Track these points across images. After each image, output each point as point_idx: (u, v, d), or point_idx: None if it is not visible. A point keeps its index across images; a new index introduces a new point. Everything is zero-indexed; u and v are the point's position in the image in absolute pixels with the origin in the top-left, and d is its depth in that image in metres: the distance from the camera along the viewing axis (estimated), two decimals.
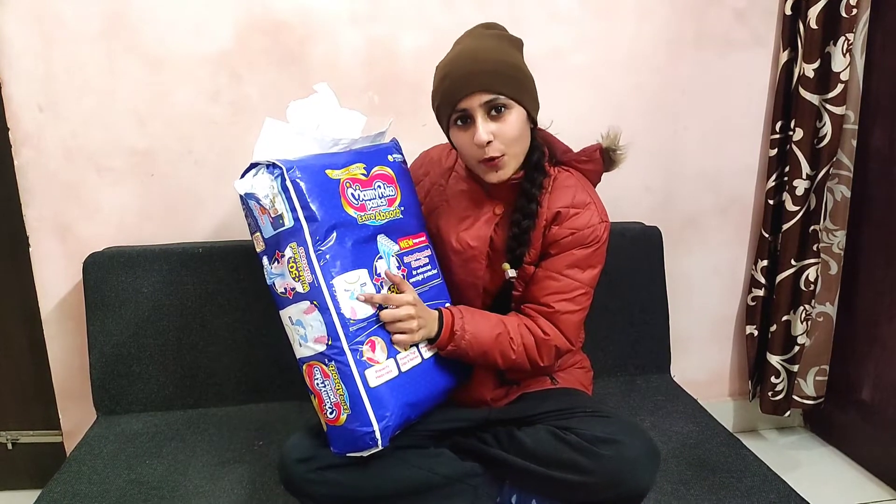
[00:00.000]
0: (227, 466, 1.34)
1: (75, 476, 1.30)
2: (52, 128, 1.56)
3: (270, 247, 1.11)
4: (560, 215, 1.21)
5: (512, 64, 1.16)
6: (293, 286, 1.08)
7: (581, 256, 1.21)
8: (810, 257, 1.78)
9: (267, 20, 1.57)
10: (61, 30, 1.51)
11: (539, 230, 1.22)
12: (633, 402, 1.57)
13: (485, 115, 1.14)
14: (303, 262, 1.06)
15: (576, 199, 1.22)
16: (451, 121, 1.17)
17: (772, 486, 1.25)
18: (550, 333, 1.21)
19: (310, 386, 1.10)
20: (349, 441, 1.07)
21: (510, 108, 1.14)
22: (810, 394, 1.94)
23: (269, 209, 1.07)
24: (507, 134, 1.14)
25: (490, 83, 1.12)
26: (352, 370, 1.06)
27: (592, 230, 1.21)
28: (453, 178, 1.32)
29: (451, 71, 1.15)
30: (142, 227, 1.64)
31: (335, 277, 1.07)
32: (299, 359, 1.12)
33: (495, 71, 1.13)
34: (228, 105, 1.60)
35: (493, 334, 1.18)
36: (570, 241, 1.21)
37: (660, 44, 1.73)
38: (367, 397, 1.06)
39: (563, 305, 1.21)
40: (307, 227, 1.06)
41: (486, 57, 1.14)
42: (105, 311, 1.52)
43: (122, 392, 1.54)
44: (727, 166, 1.84)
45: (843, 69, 1.66)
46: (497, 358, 1.19)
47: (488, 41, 1.17)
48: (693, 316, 1.91)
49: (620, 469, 1.08)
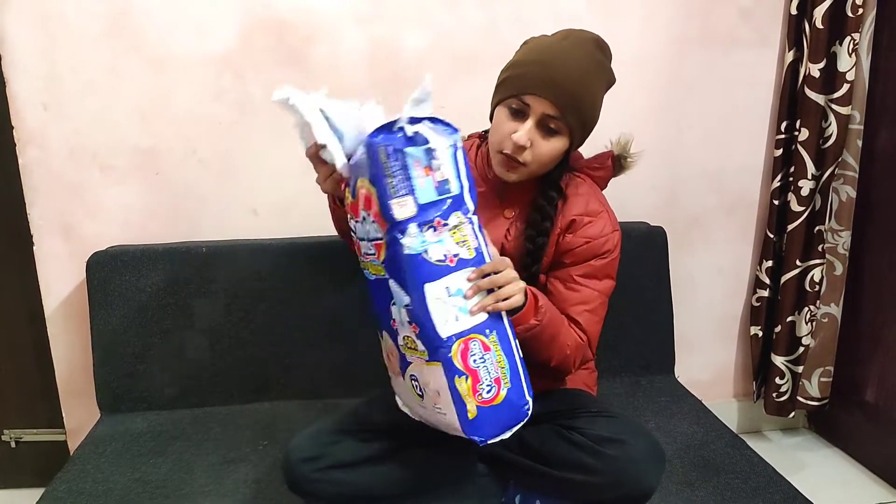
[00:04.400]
0: (231, 466, 1.34)
1: (79, 475, 1.30)
2: (56, 127, 1.56)
3: (427, 211, 0.98)
4: (574, 223, 1.21)
5: (592, 99, 1.15)
6: (456, 252, 1.00)
7: (598, 267, 1.21)
8: (815, 258, 1.78)
9: (270, 20, 1.57)
10: (65, 29, 1.51)
11: (553, 237, 1.21)
12: (637, 402, 1.57)
13: (536, 123, 1.12)
14: (467, 227, 1.01)
15: (589, 208, 1.22)
16: (505, 99, 1.15)
17: (776, 487, 1.25)
18: (582, 340, 1.20)
19: (462, 365, 0.98)
20: (505, 419, 1.01)
21: (561, 134, 1.14)
22: (815, 395, 1.93)
23: (436, 171, 0.98)
24: (542, 152, 1.14)
25: (565, 103, 1.10)
26: (510, 338, 1.02)
27: (606, 239, 1.21)
28: None
29: (540, 61, 1.12)
30: (145, 226, 1.64)
31: (489, 244, 1.04)
32: (451, 335, 0.98)
33: (576, 95, 1.11)
34: (232, 105, 1.60)
35: (562, 319, 1.16)
36: (585, 250, 1.20)
37: (665, 43, 1.72)
38: (521, 367, 1.03)
39: (586, 317, 1.20)
40: (468, 196, 1.02)
41: (578, 77, 1.11)
42: (109, 310, 1.52)
43: (125, 391, 1.54)
44: (732, 166, 1.83)
45: (848, 69, 1.65)
46: (559, 349, 1.15)
47: (589, 63, 1.14)
48: (697, 316, 1.90)
49: (625, 469, 1.07)
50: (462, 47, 1.65)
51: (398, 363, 1.07)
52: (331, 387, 1.58)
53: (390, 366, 1.12)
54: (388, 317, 1.04)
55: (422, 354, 1.00)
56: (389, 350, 1.09)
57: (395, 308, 1.02)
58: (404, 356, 1.04)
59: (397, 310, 1.02)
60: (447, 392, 0.99)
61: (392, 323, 1.04)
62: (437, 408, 1.02)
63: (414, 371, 1.04)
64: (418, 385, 1.04)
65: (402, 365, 1.06)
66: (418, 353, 1.01)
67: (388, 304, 1.03)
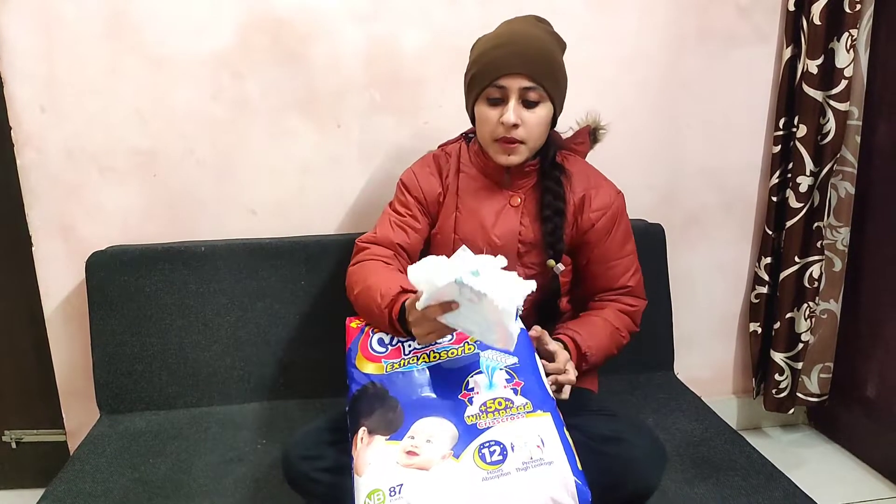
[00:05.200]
0: (230, 465, 1.34)
1: (79, 475, 1.31)
2: (54, 128, 1.56)
3: None
4: (585, 199, 1.29)
5: (557, 61, 1.21)
6: None
7: (621, 232, 1.32)
8: (814, 254, 1.78)
9: (268, 19, 1.57)
10: (63, 30, 1.51)
11: (569, 216, 1.27)
12: (636, 399, 1.57)
13: (518, 100, 1.17)
14: None
15: (590, 181, 1.30)
16: (481, 93, 1.20)
17: (776, 483, 1.24)
18: (636, 304, 1.35)
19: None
20: None
21: (543, 102, 1.19)
22: (814, 391, 1.93)
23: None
24: (532, 126, 1.19)
25: (536, 72, 1.16)
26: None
27: (615, 204, 1.30)
28: (463, 179, 1.32)
29: (499, 45, 1.17)
30: (144, 226, 1.64)
31: None
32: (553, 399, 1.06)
33: (542, 61, 1.17)
34: (230, 104, 1.60)
35: (607, 334, 1.28)
36: (605, 223, 1.29)
37: (662, 40, 1.72)
38: None
39: (635, 278, 1.34)
40: None
41: (538, 45, 1.18)
42: (108, 311, 1.53)
43: (125, 391, 1.54)
44: (730, 163, 1.83)
45: (846, 65, 1.65)
46: (614, 352, 1.31)
47: (541, 33, 1.21)
48: (697, 313, 1.90)
49: (626, 468, 1.07)
50: (461, 46, 1.64)
51: (448, 445, 0.98)
52: (329, 386, 1.57)
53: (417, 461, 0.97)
54: (453, 394, 1.03)
55: (521, 409, 1.00)
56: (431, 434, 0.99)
57: (483, 376, 1.04)
58: (474, 426, 0.99)
59: (487, 376, 1.04)
60: (556, 440, 0.97)
61: (462, 396, 1.03)
62: (535, 461, 0.95)
63: (496, 435, 0.98)
64: (503, 447, 0.97)
65: (465, 439, 0.98)
66: (513, 410, 1.00)
67: (459, 381, 1.05)
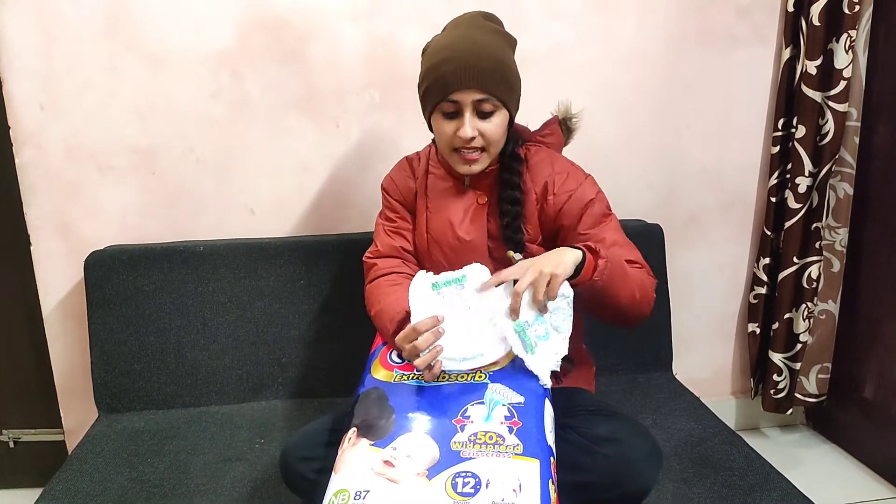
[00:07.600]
0: (228, 464, 1.34)
1: (77, 474, 1.30)
2: (53, 126, 1.56)
3: None
4: (548, 185, 1.23)
5: (508, 66, 1.18)
6: None
7: (597, 211, 1.22)
8: (813, 255, 1.78)
9: (267, 18, 1.57)
10: (62, 28, 1.51)
11: (532, 206, 1.24)
12: (635, 399, 1.57)
13: (473, 112, 1.16)
14: None
15: (555, 168, 1.25)
16: (436, 107, 1.19)
17: (774, 483, 1.25)
18: (643, 266, 1.21)
19: (553, 475, 1.01)
20: None
21: (498, 110, 1.17)
22: (812, 392, 1.93)
23: None
24: (490, 134, 1.18)
25: (487, 83, 1.14)
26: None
27: (585, 187, 1.23)
28: (431, 179, 1.32)
29: (448, 58, 1.15)
30: (143, 225, 1.64)
31: None
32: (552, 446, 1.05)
33: (493, 70, 1.14)
34: (229, 103, 1.60)
35: (623, 258, 1.15)
36: (574, 203, 1.21)
37: (661, 40, 1.72)
38: None
39: (626, 251, 1.20)
40: None
41: (487, 54, 1.15)
42: (106, 310, 1.52)
43: (123, 390, 1.54)
44: (729, 163, 1.83)
45: (845, 66, 1.65)
46: (633, 288, 1.14)
47: (489, 36, 1.18)
48: (695, 314, 1.90)
49: (622, 469, 1.07)
50: None
51: (426, 465, 0.98)
52: (327, 386, 1.58)
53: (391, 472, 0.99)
54: (448, 417, 1.03)
55: (510, 448, 0.99)
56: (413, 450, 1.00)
57: (483, 407, 1.04)
58: (457, 453, 0.98)
59: (486, 408, 1.04)
60: (536, 490, 0.95)
61: (455, 421, 1.03)
62: (504, 501, 0.95)
63: (475, 467, 0.97)
64: (478, 481, 0.96)
65: (444, 464, 0.98)
66: (502, 448, 0.99)
67: (458, 406, 1.05)
